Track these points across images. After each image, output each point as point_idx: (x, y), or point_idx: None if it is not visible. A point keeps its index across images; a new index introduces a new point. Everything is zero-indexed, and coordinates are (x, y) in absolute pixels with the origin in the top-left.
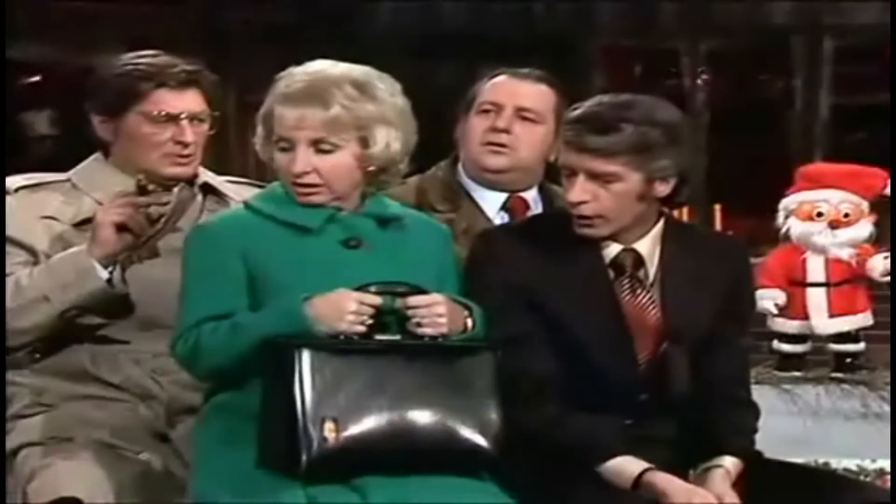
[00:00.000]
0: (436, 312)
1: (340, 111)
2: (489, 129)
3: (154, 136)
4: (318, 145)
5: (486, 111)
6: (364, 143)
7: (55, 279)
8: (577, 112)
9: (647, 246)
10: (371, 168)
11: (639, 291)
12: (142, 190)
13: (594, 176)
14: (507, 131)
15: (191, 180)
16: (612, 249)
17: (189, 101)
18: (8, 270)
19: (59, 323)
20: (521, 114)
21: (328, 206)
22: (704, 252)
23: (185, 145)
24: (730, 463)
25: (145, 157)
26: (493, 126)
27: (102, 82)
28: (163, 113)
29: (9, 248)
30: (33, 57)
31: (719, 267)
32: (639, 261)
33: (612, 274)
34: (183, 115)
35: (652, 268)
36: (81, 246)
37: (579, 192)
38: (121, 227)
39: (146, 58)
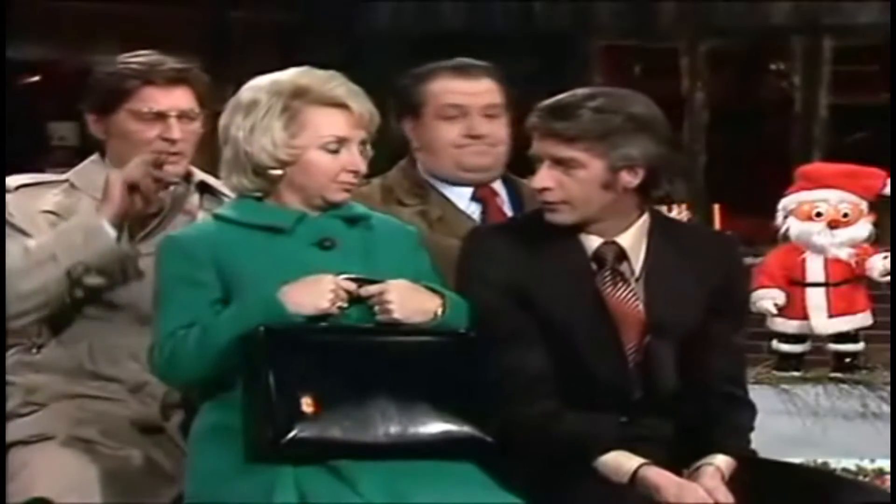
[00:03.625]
0: (384, 299)
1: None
2: (463, 135)
3: (141, 134)
4: (361, 145)
5: (451, 116)
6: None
7: (63, 241)
8: (546, 101)
9: (630, 239)
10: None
11: (620, 285)
12: (156, 162)
13: (558, 162)
14: (481, 136)
15: (186, 177)
16: (593, 242)
17: (177, 99)
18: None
19: (66, 284)
20: (486, 112)
21: (297, 208)
22: (693, 248)
23: (173, 142)
24: (722, 461)
25: (134, 156)
26: (469, 133)
27: (94, 81)
28: (151, 110)
29: (12, 234)
30: (33, 57)
31: (708, 263)
32: (621, 254)
33: (594, 267)
34: (171, 113)
35: (637, 262)
36: (90, 209)
37: (543, 178)
38: (132, 189)
39: (136, 57)
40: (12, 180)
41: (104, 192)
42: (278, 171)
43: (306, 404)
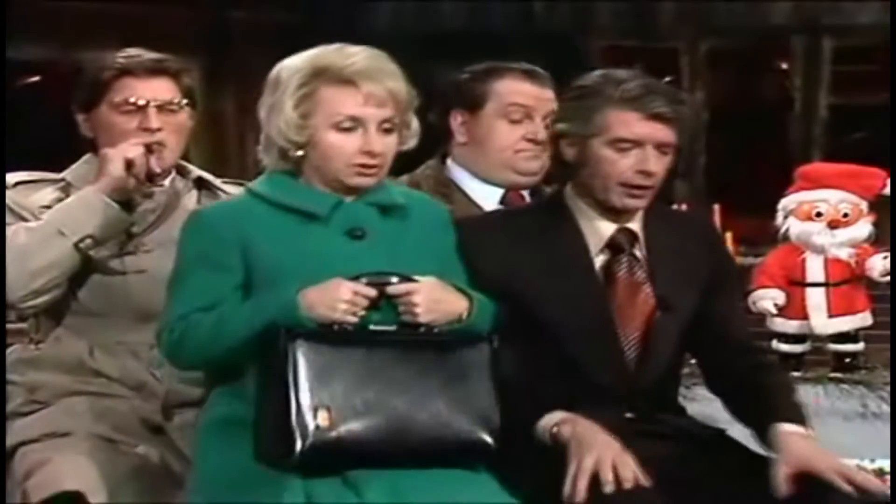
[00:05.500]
0: (411, 301)
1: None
2: (524, 138)
3: (123, 126)
4: (383, 125)
5: (515, 118)
6: (406, 125)
7: (67, 216)
8: (638, 83)
9: (638, 225)
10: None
11: (635, 269)
12: (149, 148)
13: (657, 146)
14: (541, 142)
15: (183, 173)
16: (608, 229)
17: (157, 90)
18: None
19: (75, 258)
20: (546, 120)
21: (333, 193)
22: (680, 229)
23: (152, 132)
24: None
25: None
26: (532, 137)
27: (77, 80)
28: (129, 100)
29: (15, 222)
30: (33, 57)
31: (697, 242)
32: (634, 239)
33: (606, 255)
34: (150, 104)
35: (643, 246)
36: (87, 188)
37: (655, 162)
38: (128, 165)
39: (117, 52)
40: (10, 177)
41: (100, 168)
42: (298, 152)
43: (323, 418)
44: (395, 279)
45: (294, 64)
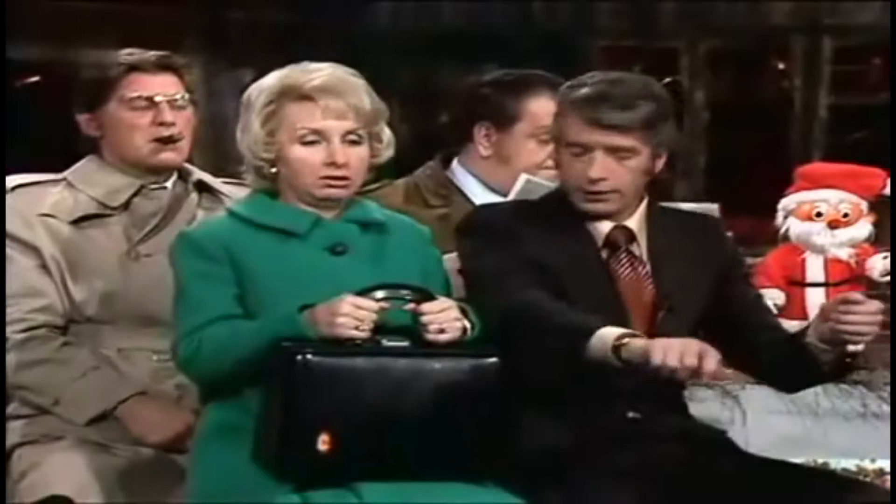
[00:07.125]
0: (453, 317)
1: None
2: (551, 157)
3: (134, 121)
4: (347, 137)
5: (545, 139)
6: (377, 137)
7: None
8: (587, 89)
9: (637, 223)
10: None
11: (637, 266)
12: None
13: (611, 151)
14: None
15: (184, 176)
16: (605, 227)
17: (165, 84)
18: (23, 277)
19: None
20: None
21: (312, 211)
22: (686, 229)
23: (167, 126)
24: None
25: (131, 146)
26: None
27: (81, 79)
28: (140, 96)
29: (17, 250)
30: (33, 57)
31: (704, 242)
32: (631, 237)
33: (606, 252)
34: (160, 98)
35: (642, 245)
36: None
37: (600, 168)
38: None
39: (118, 52)
40: (9, 181)
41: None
42: (272, 169)
43: (322, 442)
44: (406, 291)
45: (263, 84)
